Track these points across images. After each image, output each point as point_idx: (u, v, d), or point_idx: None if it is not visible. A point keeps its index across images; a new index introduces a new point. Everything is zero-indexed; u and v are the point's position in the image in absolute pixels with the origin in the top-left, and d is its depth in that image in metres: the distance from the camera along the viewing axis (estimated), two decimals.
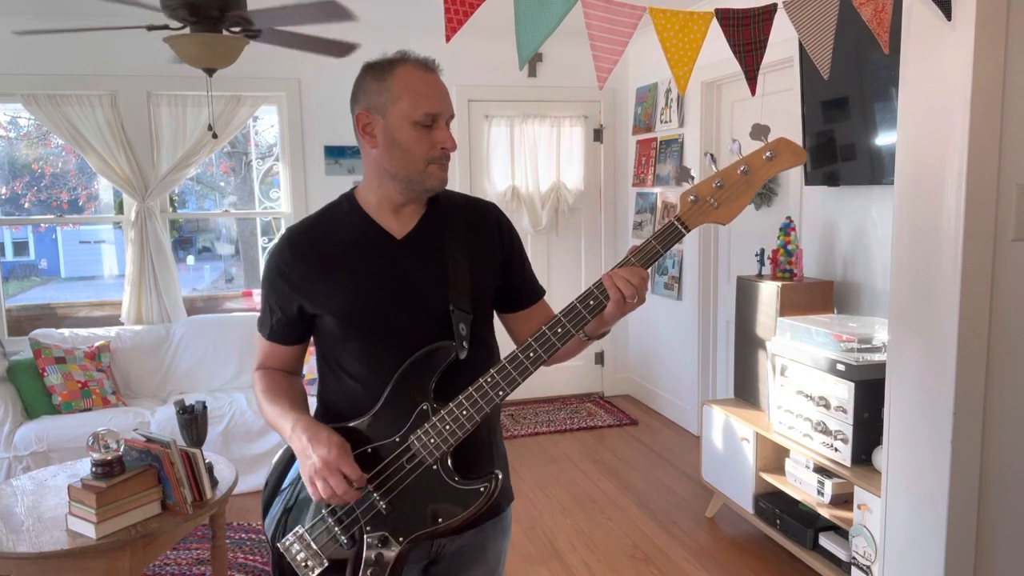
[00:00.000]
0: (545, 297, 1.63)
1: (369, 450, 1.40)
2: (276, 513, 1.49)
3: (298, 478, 1.43)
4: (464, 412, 1.36)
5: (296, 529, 1.45)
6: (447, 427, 1.36)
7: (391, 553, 1.38)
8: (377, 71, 1.40)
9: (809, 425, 2.86)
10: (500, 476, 1.38)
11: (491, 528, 1.53)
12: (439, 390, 1.39)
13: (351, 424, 1.42)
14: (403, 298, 1.43)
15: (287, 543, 1.45)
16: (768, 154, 1.29)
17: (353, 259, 1.44)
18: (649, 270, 1.36)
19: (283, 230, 1.51)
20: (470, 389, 1.36)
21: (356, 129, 1.43)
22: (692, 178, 1.37)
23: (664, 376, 5.12)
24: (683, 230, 1.33)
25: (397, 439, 1.39)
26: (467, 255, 1.47)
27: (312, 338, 1.53)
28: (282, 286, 1.46)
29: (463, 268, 1.46)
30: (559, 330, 1.35)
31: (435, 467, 1.37)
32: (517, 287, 1.59)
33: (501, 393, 1.36)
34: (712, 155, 1.40)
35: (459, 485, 1.37)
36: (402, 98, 1.37)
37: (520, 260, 1.59)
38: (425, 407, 1.38)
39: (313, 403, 1.53)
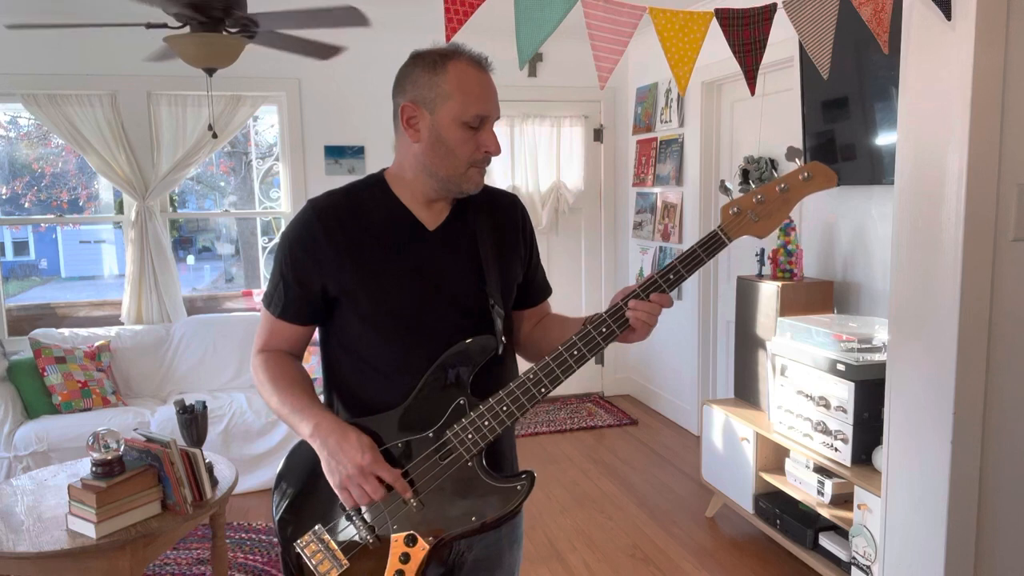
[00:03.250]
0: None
1: (400, 444, 1.34)
2: (289, 508, 1.40)
3: (315, 470, 1.35)
4: (504, 408, 1.33)
5: (315, 528, 1.37)
6: (486, 423, 1.32)
7: (419, 553, 1.32)
8: (429, 63, 1.34)
9: (809, 425, 2.86)
10: (535, 474, 1.36)
11: (507, 536, 1.50)
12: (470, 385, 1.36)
13: (379, 416, 1.36)
14: (436, 290, 1.40)
15: (303, 543, 1.36)
16: (805, 175, 1.36)
17: (386, 245, 1.39)
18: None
19: (305, 203, 1.44)
20: (511, 385, 1.33)
21: (399, 120, 1.37)
22: (729, 190, 1.45)
23: (664, 376, 5.12)
24: (726, 240, 1.35)
25: (431, 434, 1.34)
26: (495, 251, 1.46)
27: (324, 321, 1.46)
28: (307, 262, 1.38)
29: (493, 263, 1.44)
30: (604, 330, 1.34)
31: (470, 464, 1.33)
32: (532, 284, 1.58)
33: (543, 391, 1.33)
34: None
35: (495, 483, 1.33)
36: (453, 97, 1.32)
37: (537, 257, 1.59)
38: (462, 402, 1.34)
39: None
